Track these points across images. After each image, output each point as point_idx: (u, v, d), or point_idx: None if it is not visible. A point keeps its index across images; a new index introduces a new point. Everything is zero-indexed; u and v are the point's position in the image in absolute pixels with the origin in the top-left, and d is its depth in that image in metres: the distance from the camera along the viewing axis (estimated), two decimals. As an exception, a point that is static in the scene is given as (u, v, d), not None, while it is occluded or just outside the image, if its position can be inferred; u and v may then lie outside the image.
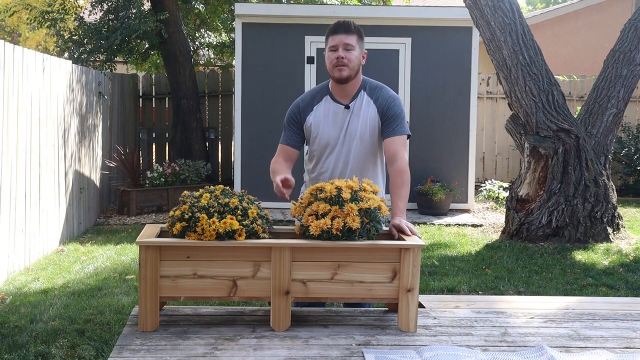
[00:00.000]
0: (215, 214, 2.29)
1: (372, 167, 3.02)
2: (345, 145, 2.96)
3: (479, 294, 4.95)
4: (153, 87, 11.24)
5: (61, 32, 10.58)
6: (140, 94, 11.11)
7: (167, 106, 11.14)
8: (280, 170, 2.88)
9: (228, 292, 2.30)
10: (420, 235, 2.48)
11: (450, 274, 5.57)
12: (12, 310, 4.46)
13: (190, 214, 2.29)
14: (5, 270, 5.35)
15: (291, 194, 2.73)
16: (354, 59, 2.87)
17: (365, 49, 2.99)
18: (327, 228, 2.29)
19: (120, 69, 12.79)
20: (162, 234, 2.44)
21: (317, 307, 2.73)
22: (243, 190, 2.48)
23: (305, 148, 3.15)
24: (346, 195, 2.33)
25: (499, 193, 9.12)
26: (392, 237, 2.48)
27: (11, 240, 5.48)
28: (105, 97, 8.69)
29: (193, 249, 2.28)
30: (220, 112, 11.29)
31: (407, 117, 8.68)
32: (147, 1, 10.49)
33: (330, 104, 2.97)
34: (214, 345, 2.19)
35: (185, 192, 2.41)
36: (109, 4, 10.28)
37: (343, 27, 2.89)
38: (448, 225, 7.86)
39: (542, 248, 6.52)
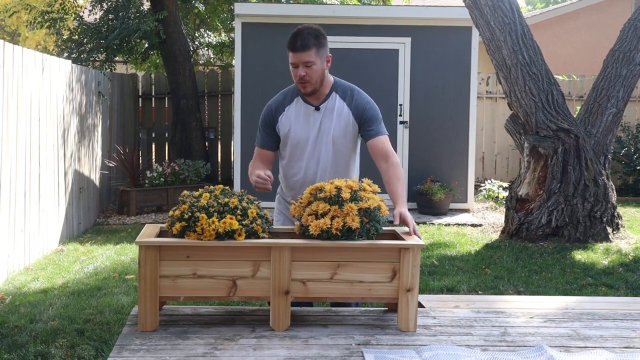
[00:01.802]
0: (215, 214, 2.29)
1: (344, 167, 3.01)
2: (317, 147, 2.95)
3: (478, 294, 4.95)
4: (153, 86, 11.23)
5: (61, 32, 10.58)
6: (140, 94, 11.10)
7: (166, 106, 11.14)
8: (259, 168, 2.95)
9: (228, 292, 2.30)
10: (420, 234, 2.48)
11: (449, 273, 5.57)
12: (12, 310, 4.46)
13: (189, 214, 2.29)
14: (5, 270, 5.35)
15: (270, 191, 2.80)
16: (315, 74, 2.85)
17: (329, 54, 2.93)
18: (327, 228, 2.28)
19: (120, 68, 12.78)
20: (161, 233, 2.44)
21: (307, 306, 2.73)
22: (243, 190, 2.48)
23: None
24: (346, 195, 2.33)
25: (498, 193, 9.12)
26: (392, 237, 2.48)
27: (11, 240, 5.48)
28: (105, 96, 8.69)
29: (193, 249, 2.28)
30: (220, 112, 11.28)
31: (407, 117, 8.69)
32: (147, 1, 10.49)
33: (301, 105, 2.96)
34: (213, 345, 2.19)
35: (185, 192, 2.41)
36: (109, 4, 10.28)
37: (300, 45, 2.80)
38: (448, 225, 7.86)
39: (542, 248, 6.52)
